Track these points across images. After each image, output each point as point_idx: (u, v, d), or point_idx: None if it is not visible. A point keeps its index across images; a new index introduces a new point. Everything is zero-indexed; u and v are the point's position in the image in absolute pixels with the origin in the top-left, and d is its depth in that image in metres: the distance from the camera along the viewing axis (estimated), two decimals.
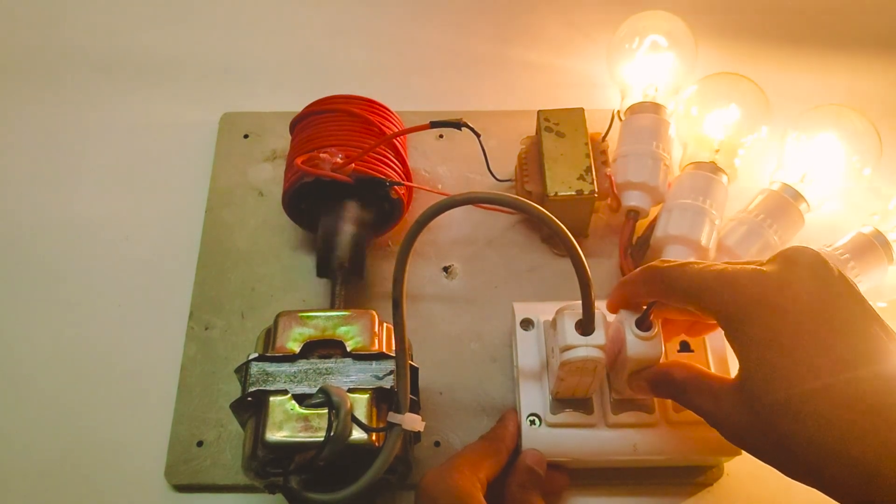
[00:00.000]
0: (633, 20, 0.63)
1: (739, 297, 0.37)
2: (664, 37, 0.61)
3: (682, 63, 0.61)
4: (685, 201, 0.55)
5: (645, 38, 0.62)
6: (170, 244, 0.61)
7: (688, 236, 0.54)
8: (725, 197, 0.57)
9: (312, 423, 0.43)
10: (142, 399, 0.55)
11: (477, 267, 0.59)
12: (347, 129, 0.56)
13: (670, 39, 0.61)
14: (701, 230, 0.54)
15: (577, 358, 0.43)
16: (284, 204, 0.56)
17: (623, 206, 0.58)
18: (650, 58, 0.61)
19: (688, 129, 0.60)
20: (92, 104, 0.68)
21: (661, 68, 0.61)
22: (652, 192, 0.57)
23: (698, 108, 0.59)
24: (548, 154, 0.57)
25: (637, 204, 0.57)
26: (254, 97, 0.68)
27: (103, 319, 0.58)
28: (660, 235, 0.56)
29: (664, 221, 0.56)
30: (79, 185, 0.64)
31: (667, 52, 0.61)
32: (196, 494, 0.52)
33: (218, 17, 0.74)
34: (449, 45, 0.72)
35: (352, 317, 0.48)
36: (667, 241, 0.55)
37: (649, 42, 0.61)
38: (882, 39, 0.71)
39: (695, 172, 0.57)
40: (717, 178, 0.56)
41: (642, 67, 0.61)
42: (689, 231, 0.54)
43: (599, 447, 0.49)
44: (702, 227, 0.55)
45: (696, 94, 0.60)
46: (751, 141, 0.58)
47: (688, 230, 0.54)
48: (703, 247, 0.54)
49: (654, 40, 0.61)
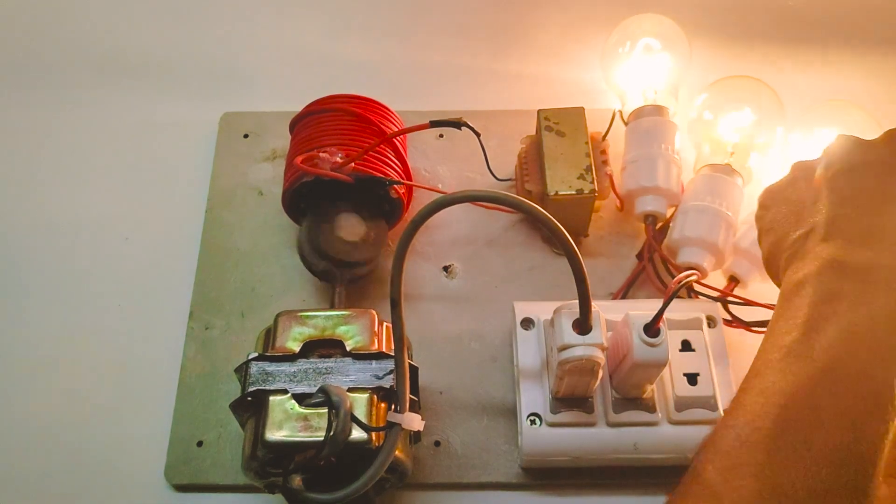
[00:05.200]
0: (623, 26, 0.63)
1: None
2: (656, 39, 0.61)
3: (677, 63, 0.61)
4: (701, 203, 0.55)
5: (637, 42, 0.61)
6: (170, 244, 0.61)
7: (704, 238, 0.54)
8: (741, 199, 0.56)
9: (312, 423, 0.43)
10: (142, 399, 0.54)
11: (477, 267, 0.59)
12: (347, 129, 0.56)
13: (663, 41, 0.61)
14: (717, 232, 0.54)
15: (575, 357, 0.43)
16: (284, 203, 0.56)
17: (639, 212, 0.58)
18: (645, 61, 0.61)
19: (702, 132, 0.59)
20: (92, 104, 0.68)
21: (658, 70, 0.61)
22: (666, 195, 0.57)
23: (712, 111, 0.59)
24: (548, 153, 0.57)
25: (654, 208, 0.57)
26: (254, 97, 0.68)
27: (103, 319, 0.58)
28: (676, 237, 0.56)
29: (680, 223, 0.56)
30: (79, 185, 0.64)
31: (661, 53, 0.61)
32: (196, 494, 0.51)
33: (218, 17, 0.74)
34: (449, 45, 0.72)
35: (351, 316, 0.48)
36: (683, 243, 0.55)
37: (642, 45, 0.61)
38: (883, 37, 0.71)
39: (710, 175, 0.56)
40: (732, 180, 0.56)
41: (638, 71, 0.61)
42: (706, 233, 0.54)
43: (600, 446, 0.49)
44: (718, 229, 0.54)
45: (709, 98, 0.60)
46: (765, 142, 0.58)
47: (705, 232, 0.54)
48: (719, 249, 0.54)
49: (647, 43, 0.61)
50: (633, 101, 0.60)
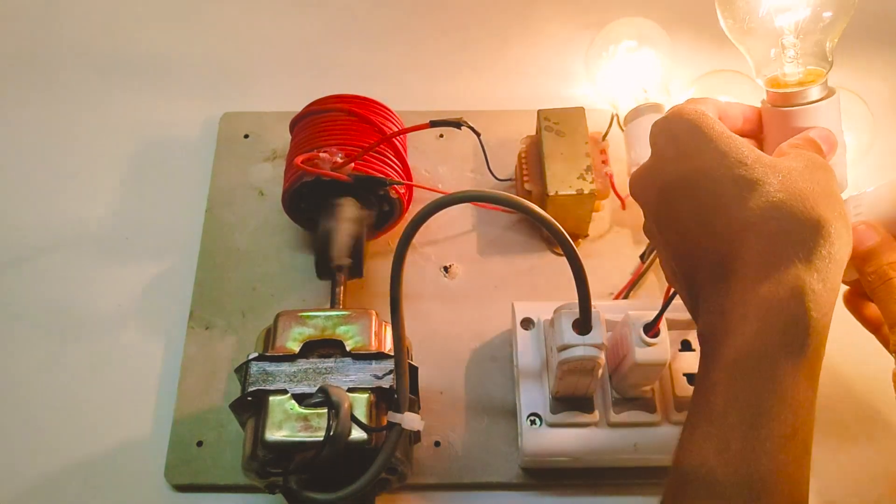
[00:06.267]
0: (604, 33, 0.63)
1: None
2: (634, 39, 0.61)
3: (661, 58, 0.61)
4: None
5: (619, 45, 0.62)
6: (170, 244, 0.61)
7: None
8: None
9: (312, 423, 0.43)
10: (142, 399, 0.55)
11: (477, 267, 0.59)
12: (347, 129, 0.56)
13: (641, 39, 0.61)
14: None
15: (575, 357, 0.43)
16: (284, 203, 0.56)
17: None
18: (629, 61, 0.61)
19: None
20: (92, 104, 0.68)
21: (643, 68, 0.61)
22: None
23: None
24: (548, 153, 0.57)
25: None
26: (254, 97, 0.68)
27: (103, 319, 0.58)
28: None
29: None
30: (79, 185, 0.64)
31: (642, 50, 0.61)
32: (196, 494, 0.51)
33: (218, 17, 0.74)
34: (449, 45, 0.72)
35: (351, 316, 0.48)
36: None
37: (623, 48, 0.61)
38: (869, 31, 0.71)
39: None
40: None
41: (624, 73, 0.61)
42: None
43: (600, 446, 0.49)
44: None
45: (697, 91, 0.60)
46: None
47: None
48: None
49: (627, 45, 0.61)
50: (626, 105, 0.60)
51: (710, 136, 0.37)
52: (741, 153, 0.37)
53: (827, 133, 0.42)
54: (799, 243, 0.34)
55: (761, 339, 0.33)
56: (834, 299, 0.35)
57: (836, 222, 0.35)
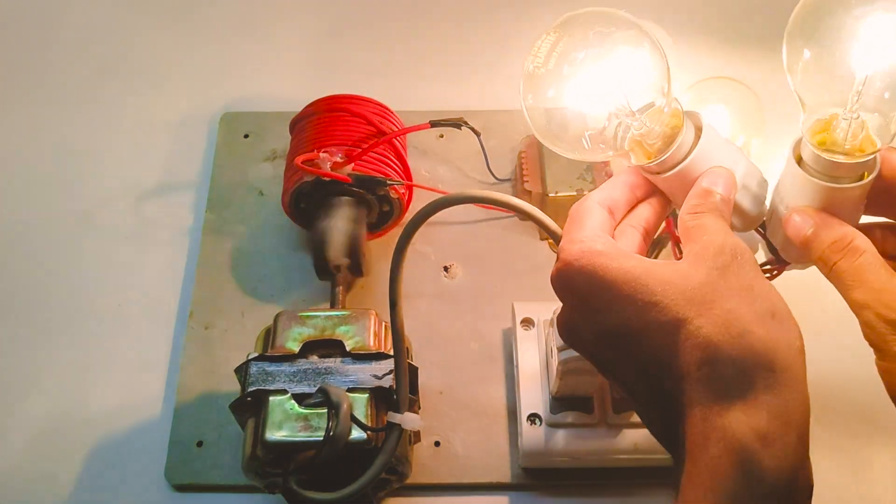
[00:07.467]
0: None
1: None
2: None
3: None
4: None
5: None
6: (170, 244, 0.61)
7: None
8: None
9: (312, 423, 0.43)
10: (142, 399, 0.55)
11: (477, 267, 0.59)
12: (347, 129, 0.56)
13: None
14: None
15: (575, 357, 0.43)
16: (284, 203, 0.56)
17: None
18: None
19: None
20: (92, 104, 0.68)
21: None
22: None
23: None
24: (548, 153, 0.57)
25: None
26: (254, 97, 0.68)
27: (103, 319, 0.58)
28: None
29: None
30: (79, 185, 0.64)
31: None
32: (196, 494, 0.51)
33: (218, 17, 0.74)
34: (449, 45, 0.72)
35: (351, 316, 0.48)
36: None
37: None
38: None
39: None
40: None
41: None
42: None
43: (600, 446, 0.49)
44: None
45: (691, 99, 0.60)
46: (742, 142, 0.58)
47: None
48: None
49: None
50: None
51: (609, 284, 0.34)
52: (646, 290, 0.33)
53: (717, 173, 0.38)
54: (734, 386, 0.32)
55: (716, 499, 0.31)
56: (799, 420, 0.32)
57: (771, 335, 0.32)
